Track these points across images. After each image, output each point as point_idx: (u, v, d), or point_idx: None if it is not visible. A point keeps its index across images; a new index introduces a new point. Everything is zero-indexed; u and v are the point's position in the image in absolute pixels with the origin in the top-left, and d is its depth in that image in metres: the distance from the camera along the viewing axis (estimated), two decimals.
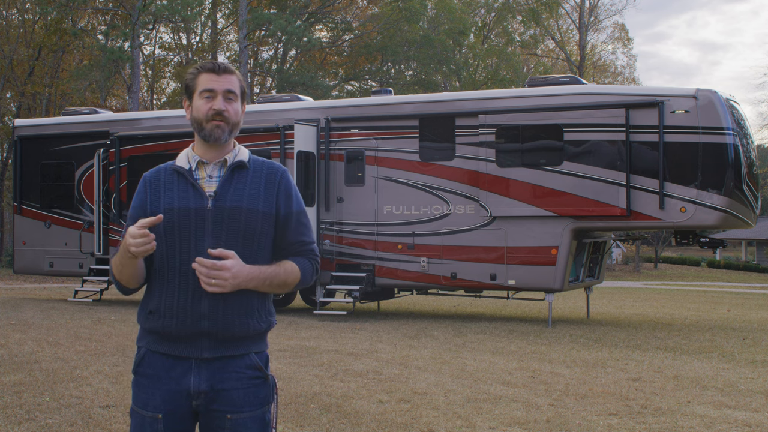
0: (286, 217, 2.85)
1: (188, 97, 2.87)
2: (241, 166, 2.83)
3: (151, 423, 2.75)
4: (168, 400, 2.75)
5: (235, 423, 2.75)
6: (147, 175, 2.89)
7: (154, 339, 2.80)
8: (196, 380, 2.74)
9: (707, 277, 41.72)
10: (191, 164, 2.83)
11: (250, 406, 2.78)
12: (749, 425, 6.36)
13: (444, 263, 13.71)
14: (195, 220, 2.74)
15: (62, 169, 16.97)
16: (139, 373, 2.83)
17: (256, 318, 2.81)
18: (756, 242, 53.37)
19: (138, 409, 2.79)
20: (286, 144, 14.34)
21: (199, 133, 2.82)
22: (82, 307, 15.30)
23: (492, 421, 6.37)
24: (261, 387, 2.82)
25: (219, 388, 2.75)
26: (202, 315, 2.72)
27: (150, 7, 30.10)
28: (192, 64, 38.16)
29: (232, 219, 2.75)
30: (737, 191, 12.42)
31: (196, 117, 2.81)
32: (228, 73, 2.82)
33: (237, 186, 2.80)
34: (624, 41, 51.90)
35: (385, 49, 40.13)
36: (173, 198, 2.77)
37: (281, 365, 8.77)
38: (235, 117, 2.82)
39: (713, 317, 16.10)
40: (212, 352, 2.75)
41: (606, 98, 13.01)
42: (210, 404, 2.75)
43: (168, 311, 2.74)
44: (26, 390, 7.22)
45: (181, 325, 2.73)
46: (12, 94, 36.35)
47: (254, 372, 2.81)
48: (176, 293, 2.74)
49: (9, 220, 33.12)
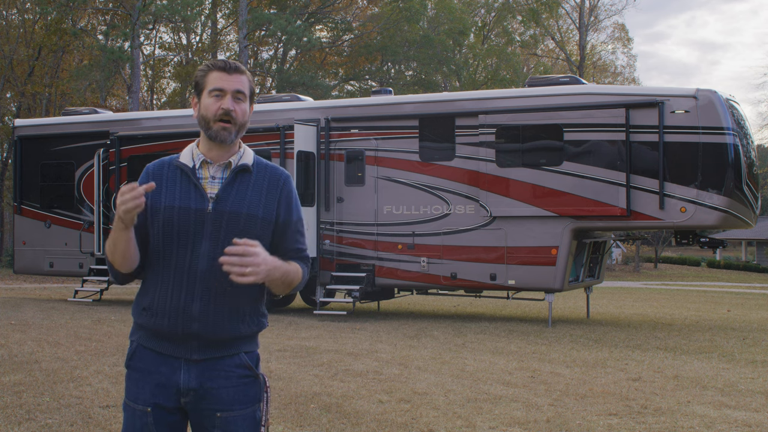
0: (285, 224, 2.85)
1: (197, 94, 2.84)
2: (245, 169, 2.81)
3: (141, 416, 2.76)
4: (157, 394, 2.76)
5: (224, 421, 2.76)
6: (150, 167, 2.87)
7: (145, 334, 2.82)
8: (186, 377, 2.75)
9: (707, 277, 41.72)
10: (195, 162, 2.81)
11: (240, 404, 2.78)
12: (749, 425, 6.36)
13: (444, 263, 13.71)
14: (194, 221, 2.73)
15: (62, 169, 16.97)
16: (131, 367, 2.85)
17: (246, 322, 2.81)
18: (756, 242, 53.37)
19: (129, 402, 2.81)
20: (286, 144, 14.34)
21: (205, 132, 2.80)
22: (82, 307, 15.30)
23: (492, 421, 6.37)
24: (251, 386, 2.82)
25: (208, 386, 2.75)
26: (193, 317, 2.72)
27: (150, 7, 30.10)
28: (193, 64, 38.35)
29: (230, 223, 2.74)
30: (737, 191, 12.43)
31: (204, 115, 2.79)
32: (239, 73, 2.80)
33: (239, 190, 2.79)
34: (624, 41, 51.96)
35: (385, 49, 40.13)
36: (175, 196, 2.76)
37: (281, 365, 8.77)
38: (242, 118, 2.80)
39: (713, 317, 16.10)
40: (201, 354, 2.76)
41: (606, 98, 13.01)
42: (199, 402, 2.76)
43: (161, 310, 2.74)
44: (26, 390, 7.22)
45: (172, 326, 2.73)
46: (12, 94, 36.35)
47: (244, 371, 2.81)
48: (170, 293, 2.74)
49: (9, 220, 33.12)
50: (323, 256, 14.40)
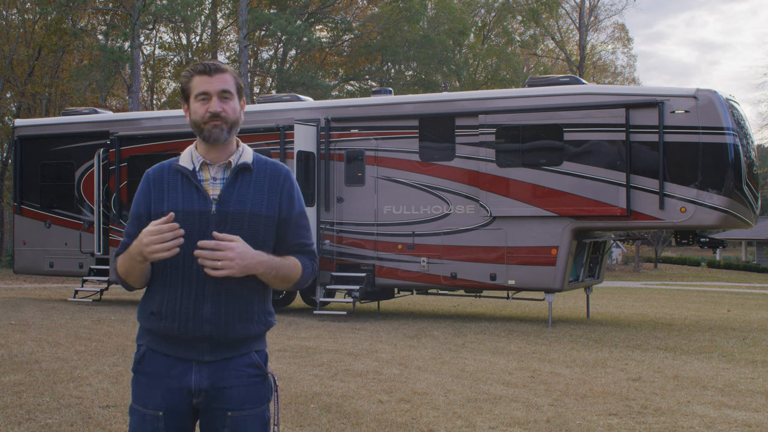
0: (287, 219, 2.85)
1: (185, 100, 2.86)
2: (245, 168, 2.82)
3: (152, 421, 2.76)
4: (168, 398, 2.75)
5: (235, 421, 2.76)
6: (150, 173, 2.87)
7: (154, 338, 2.81)
8: (197, 378, 2.75)
9: (707, 277, 41.72)
10: (195, 165, 2.81)
11: (251, 404, 2.79)
12: (749, 425, 6.36)
13: (444, 263, 13.71)
14: (199, 224, 2.73)
15: (62, 169, 16.97)
16: (139, 372, 2.83)
17: (256, 321, 2.83)
18: (756, 242, 53.37)
19: (138, 407, 2.80)
20: (286, 144, 14.34)
21: (199, 135, 2.81)
22: (82, 307, 15.30)
23: (492, 421, 6.37)
24: (261, 385, 2.83)
25: (220, 386, 2.75)
26: (204, 319, 2.72)
27: (150, 7, 30.10)
28: (193, 64, 38.03)
29: (235, 223, 2.75)
30: (737, 191, 12.43)
31: (195, 120, 2.80)
32: (220, 72, 2.80)
33: (241, 189, 2.79)
34: (624, 41, 51.94)
35: (385, 49, 40.13)
36: (177, 200, 2.76)
37: (281, 365, 8.77)
38: (233, 115, 2.79)
39: (713, 317, 16.10)
40: (213, 356, 2.76)
41: (606, 98, 13.01)
42: (210, 402, 2.76)
43: (170, 314, 2.74)
44: (26, 390, 7.22)
45: (183, 329, 2.73)
46: (12, 94, 36.35)
47: (254, 370, 2.82)
48: (179, 296, 2.74)
49: (9, 220, 33.12)
50: (323, 256, 14.40)
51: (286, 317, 14.02)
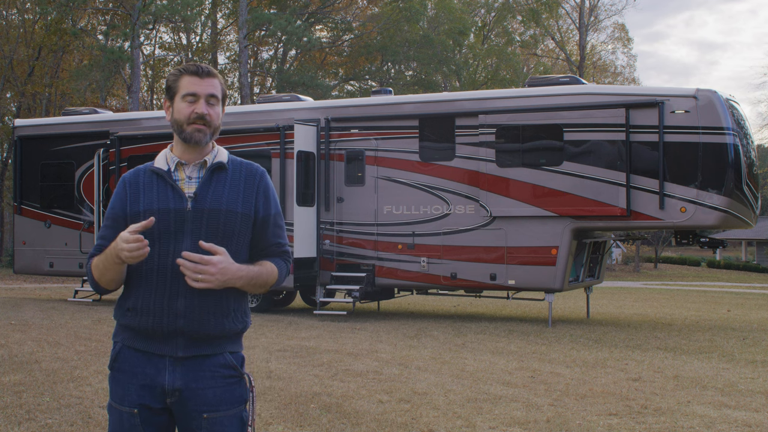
0: (264, 219, 2.88)
1: (169, 98, 2.90)
2: (221, 167, 2.85)
3: (129, 418, 2.78)
4: (143, 395, 2.77)
5: (211, 422, 2.77)
6: (126, 176, 2.91)
7: (129, 335, 2.82)
8: (171, 377, 2.76)
9: (707, 277, 41.72)
10: (170, 165, 2.85)
11: (226, 405, 2.79)
12: (749, 425, 6.36)
13: (444, 263, 13.71)
14: (174, 221, 2.76)
15: (62, 169, 16.97)
16: (115, 369, 2.85)
17: (231, 318, 2.83)
18: (756, 242, 53.36)
19: (115, 404, 2.82)
20: (286, 144, 14.34)
21: (179, 135, 2.85)
22: (82, 307, 15.30)
23: (492, 421, 6.37)
24: (236, 386, 2.84)
25: (194, 386, 2.76)
26: (178, 314, 2.74)
27: (150, 7, 30.08)
28: (181, 64, 38.16)
29: (211, 220, 2.77)
30: (737, 191, 12.43)
31: (178, 119, 2.84)
32: (211, 77, 2.84)
33: (216, 187, 2.82)
34: (624, 41, 51.90)
35: (385, 49, 40.12)
36: (153, 199, 2.79)
37: (281, 365, 8.78)
38: (216, 121, 2.85)
39: (713, 317, 16.10)
40: (186, 351, 2.77)
41: (606, 98, 13.01)
42: (185, 403, 2.77)
43: (145, 309, 2.76)
44: (26, 390, 7.22)
45: (157, 323, 2.75)
46: (12, 94, 36.35)
47: (229, 371, 2.83)
48: (153, 293, 2.76)
49: (9, 220, 33.11)
50: (323, 256, 14.41)
51: (286, 317, 14.02)
